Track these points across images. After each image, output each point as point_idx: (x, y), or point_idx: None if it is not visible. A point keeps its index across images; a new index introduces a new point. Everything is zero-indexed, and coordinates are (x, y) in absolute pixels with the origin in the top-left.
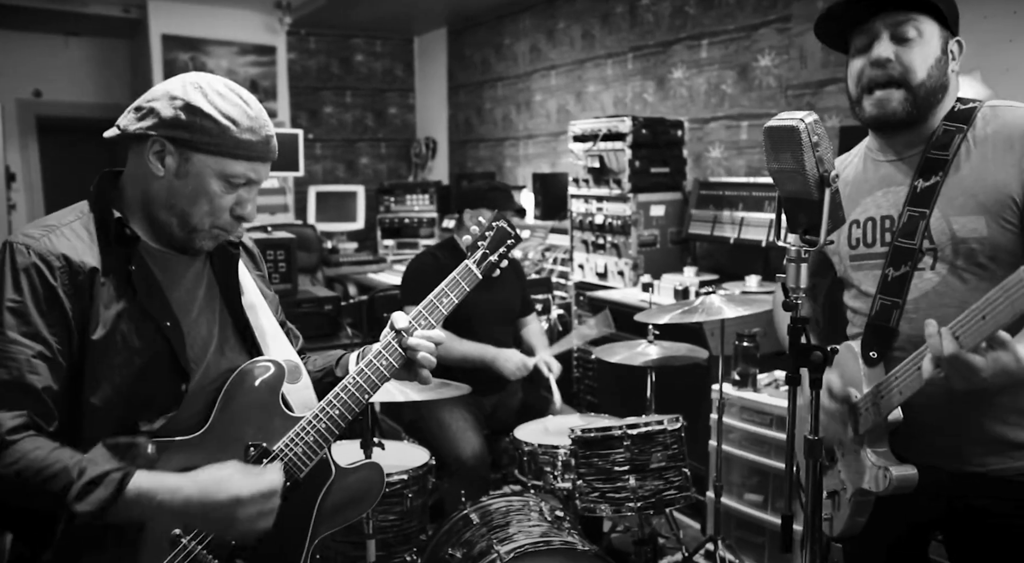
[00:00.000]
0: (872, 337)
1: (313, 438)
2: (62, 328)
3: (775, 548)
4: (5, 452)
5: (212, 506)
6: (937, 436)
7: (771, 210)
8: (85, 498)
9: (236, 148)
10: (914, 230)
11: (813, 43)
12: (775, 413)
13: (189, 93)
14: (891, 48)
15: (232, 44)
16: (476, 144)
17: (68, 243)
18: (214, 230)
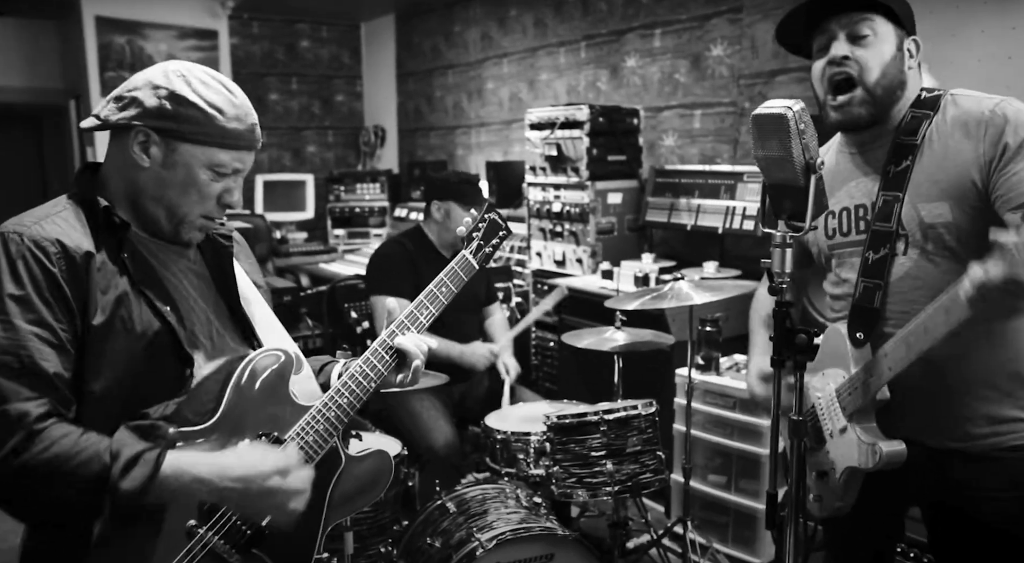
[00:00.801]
0: (857, 319)
1: (324, 427)
2: (66, 313)
3: (739, 528)
4: (36, 440)
5: (251, 481)
6: (921, 414)
7: (727, 197)
8: (127, 475)
9: (223, 137)
10: (890, 213)
11: (764, 34)
12: (738, 396)
13: (173, 82)
14: (847, 47)
15: (171, 28)
16: (427, 132)
17: (59, 229)
18: (201, 220)
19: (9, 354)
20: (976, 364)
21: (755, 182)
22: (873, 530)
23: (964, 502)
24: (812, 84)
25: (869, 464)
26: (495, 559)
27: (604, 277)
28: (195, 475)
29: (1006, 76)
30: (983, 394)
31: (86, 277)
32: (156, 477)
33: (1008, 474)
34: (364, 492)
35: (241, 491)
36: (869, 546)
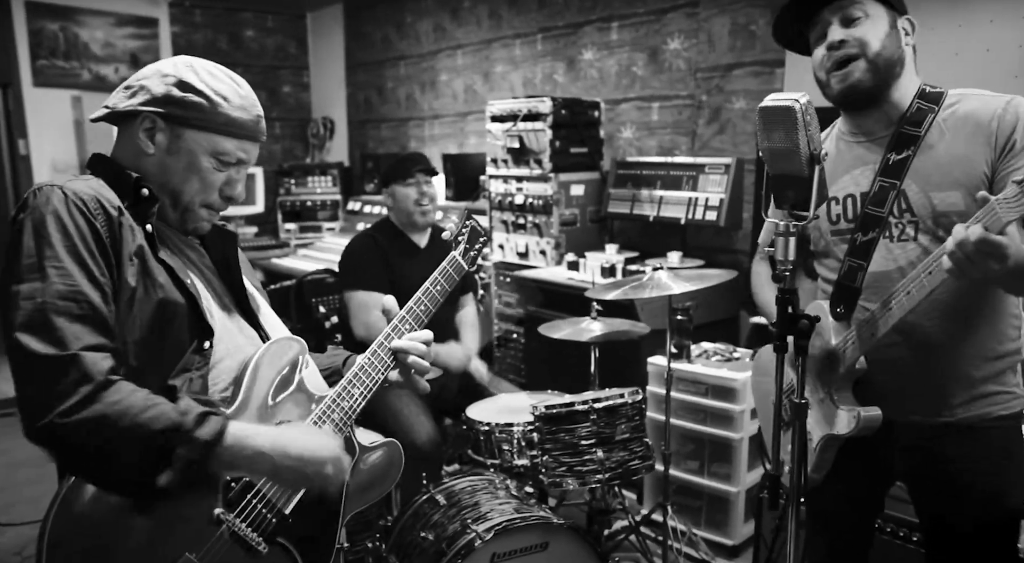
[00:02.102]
0: (839, 294)
1: (339, 417)
2: (108, 268)
3: (712, 511)
4: (109, 390)
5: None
6: (907, 392)
7: (688, 188)
8: (202, 426)
9: (227, 125)
10: (884, 199)
11: (721, 27)
12: (710, 382)
13: (181, 71)
14: (841, 31)
15: (108, 14)
16: (378, 124)
17: (92, 188)
18: (204, 210)
19: (68, 299)
20: (958, 344)
21: (716, 173)
22: (854, 506)
23: (954, 475)
24: (814, 73)
25: (849, 429)
26: (491, 550)
27: (571, 268)
28: (256, 446)
29: (983, 68)
30: (965, 372)
31: (119, 234)
32: (223, 437)
33: (995, 444)
34: (377, 482)
35: (297, 470)
36: (850, 521)
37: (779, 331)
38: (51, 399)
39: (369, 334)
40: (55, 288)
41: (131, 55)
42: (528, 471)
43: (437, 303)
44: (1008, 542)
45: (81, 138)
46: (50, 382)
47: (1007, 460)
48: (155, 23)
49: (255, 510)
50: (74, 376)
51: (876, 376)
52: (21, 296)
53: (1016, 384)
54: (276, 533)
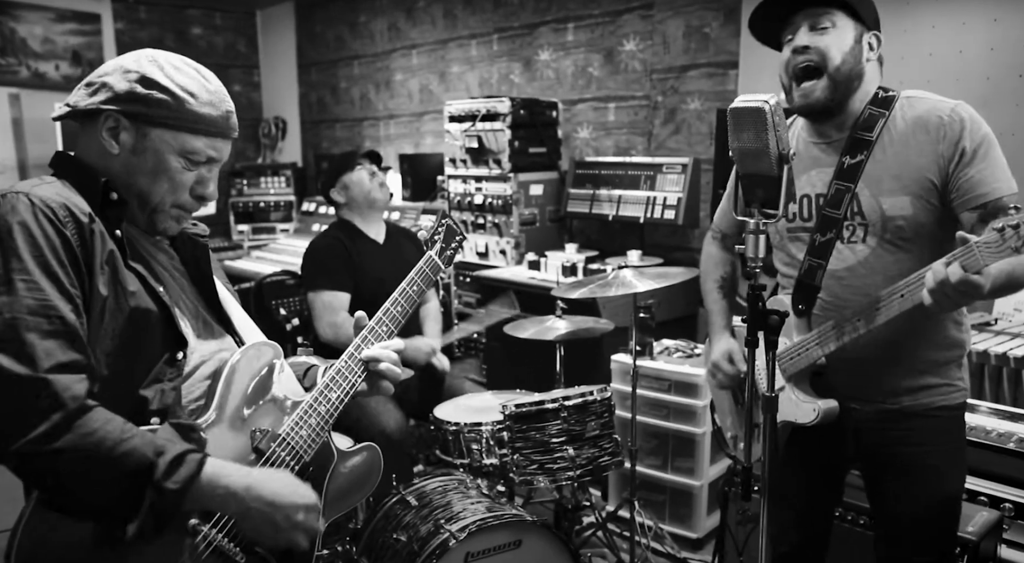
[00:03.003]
0: (800, 292)
1: (316, 422)
2: (78, 278)
3: (675, 505)
4: (82, 420)
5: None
6: (859, 382)
7: (647, 188)
8: (172, 475)
9: (195, 122)
10: (840, 201)
11: (675, 29)
12: (672, 379)
13: (144, 66)
14: (808, 37)
15: (47, 9)
16: (332, 124)
17: (60, 193)
18: (174, 210)
19: (39, 314)
20: (903, 339)
21: (674, 173)
22: (814, 490)
23: (899, 456)
24: (780, 74)
25: (808, 419)
26: (465, 549)
27: (531, 268)
28: (227, 487)
29: (956, 70)
30: (909, 365)
31: (91, 242)
32: (197, 480)
33: (937, 430)
34: (356, 487)
35: (267, 515)
36: (811, 506)
37: (750, 326)
38: (21, 425)
39: (336, 335)
40: (25, 302)
41: (72, 52)
42: (497, 470)
43: (414, 303)
44: (948, 524)
45: (20, 137)
46: (21, 406)
47: (948, 445)
48: (97, 19)
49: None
50: (46, 401)
51: (827, 368)
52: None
53: (960, 378)
54: (255, 542)
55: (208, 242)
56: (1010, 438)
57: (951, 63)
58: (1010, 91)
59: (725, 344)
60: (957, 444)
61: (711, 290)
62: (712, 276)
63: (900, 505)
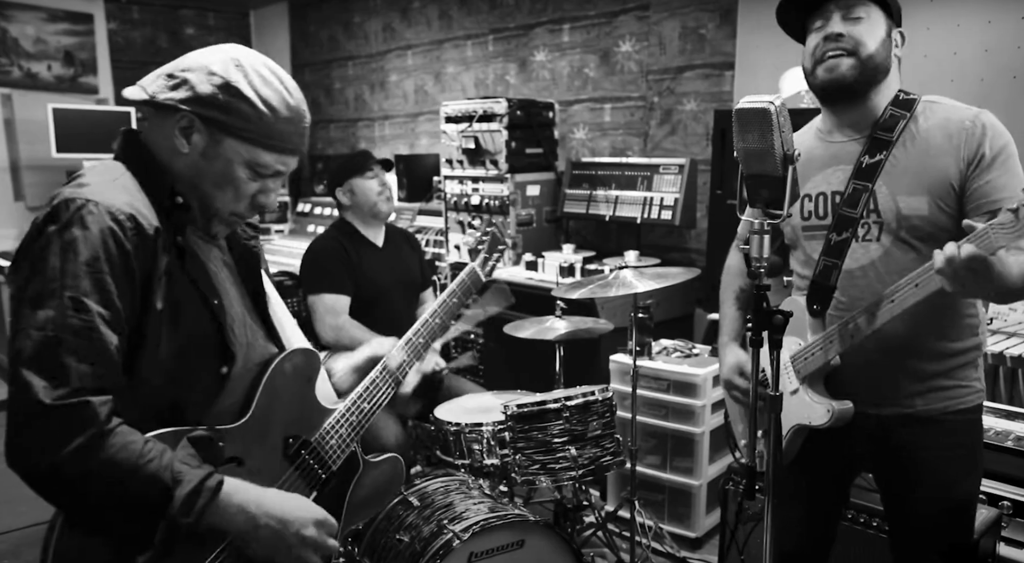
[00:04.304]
0: (815, 293)
1: (346, 431)
2: (129, 296)
3: (674, 505)
4: (103, 444)
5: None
6: (868, 385)
7: (643, 188)
8: (190, 511)
9: (270, 138)
10: (857, 201)
11: (671, 31)
12: (671, 379)
13: (230, 71)
14: (842, 24)
15: (40, 9)
16: (326, 125)
17: (129, 200)
18: (232, 217)
19: (81, 337)
20: (917, 340)
21: (671, 174)
22: (820, 495)
23: (910, 462)
24: (802, 61)
25: (822, 421)
26: (469, 549)
27: (529, 268)
28: (238, 504)
29: (951, 71)
30: (922, 367)
31: (154, 257)
32: (213, 503)
33: (951, 434)
34: (378, 497)
35: (277, 531)
36: (816, 510)
37: (754, 326)
38: (46, 445)
39: (338, 337)
40: (70, 322)
41: (65, 52)
42: (498, 470)
43: (453, 315)
44: (963, 527)
45: (12, 138)
46: (47, 429)
47: (961, 449)
48: (90, 19)
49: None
50: (73, 422)
51: (841, 370)
52: (34, 324)
53: (976, 379)
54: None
55: (258, 238)
56: (1008, 436)
57: (945, 64)
58: (1004, 92)
59: (733, 357)
60: (973, 449)
61: (727, 300)
62: (732, 287)
63: (914, 511)
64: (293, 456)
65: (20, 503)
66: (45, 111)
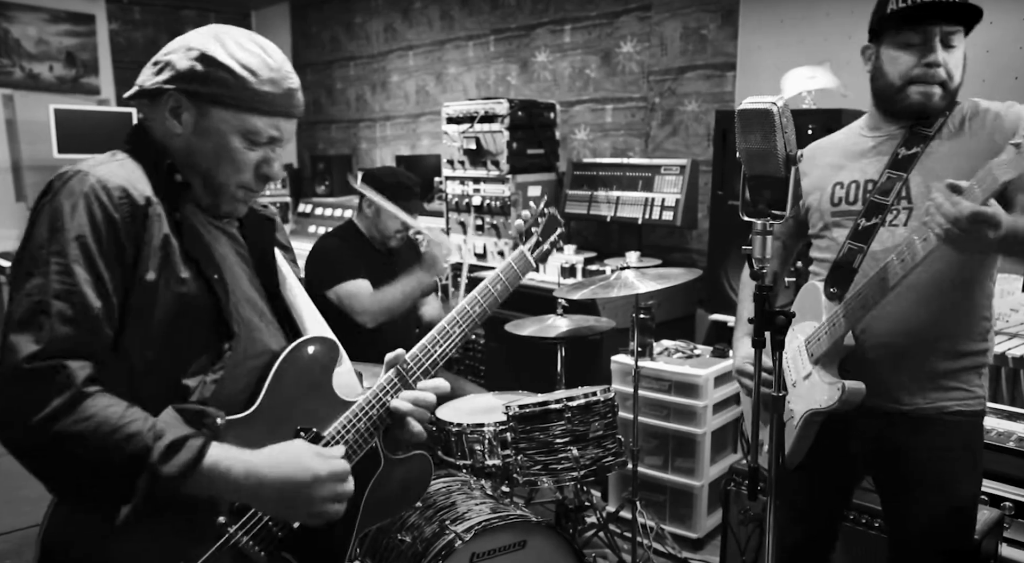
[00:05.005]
0: (835, 275)
1: (365, 426)
2: (118, 266)
3: (675, 506)
4: (81, 406)
5: (287, 484)
6: (878, 376)
7: (644, 189)
8: (169, 460)
9: (255, 101)
10: (890, 189)
11: (672, 31)
12: (673, 379)
13: (206, 43)
14: (942, 54)
15: (42, 10)
16: (328, 125)
17: (123, 174)
18: (240, 191)
19: (63, 300)
20: (926, 334)
21: (672, 174)
22: (822, 499)
23: (907, 465)
24: (882, 66)
25: (833, 401)
26: (471, 550)
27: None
28: (231, 474)
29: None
30: (929, 363)
31: (144, 227)
32: (198, 466)
33: (949, 437)
34: (401, 497)
35: (276, 497)
36: (817, 514)
37: (756, 327)
38: (23, 407)
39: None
40: (54, 287)
41: (66, 53)
42: (500, 471)
43: (496, 304)
44: (962, 533)
45: (14, 138)
46: (28, 387)
47: (961, 453)
48: (91, 20)
49: (260, 523)
50: (50, 385)
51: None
52: (24, 291)
53: (979, 385)
54: (281, 547)
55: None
56: (1009, 437)
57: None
58: (1006, 93)
59: (744, 350)
60: (972, 453)
61: (746, 298)
62: (750, 285)
63: (913, 515)
64: None
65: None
66: (47, 112)
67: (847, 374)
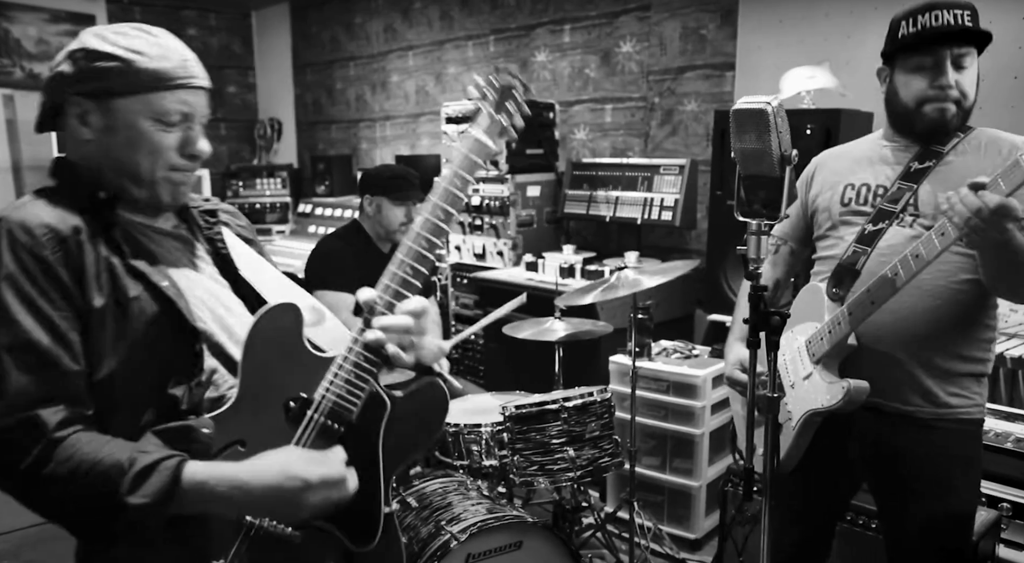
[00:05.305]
0: (839, 276)
1: (353, 373)
2: (63, 300)
3: (674, 506)
4: (56, 451)
5: (276, 493)
6: (879, 376)
7: (644, 189)
8: (137, 490)
9: (151, 80)
10: (899, 198)
11: (672, 31)
12: (671, 379)
13: (85, 40)
14: (954, 75)
15: (42, 10)
16: (328, 125)
17: (43, 210)
18: (171, 173)
19: (14, 352)
20: (933, 337)
21: (671, 174)
22: (818, 502)
23: (905, 471)
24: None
25: (836, 399)
26: (467, 550)
27: (529, 269)
28: (217, 490)
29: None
30: (935, 368)
31: (79, 256)
32: (176, 489)
33: (948, 444)
34: (420, 432)
35: (267, 507)
36: (814, 516)
37: (752, 328)
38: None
39: None
40: (2, 340)
41: None
42: (497, 471)
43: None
44: (960, 535)
45: (14, 138)
46: (5, 444)
47: (959, 460)
48: (91, 20)
49: None
50: (25, 437)
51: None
52: None
53: (978, 393)
54: None
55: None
56: (1007, 438)
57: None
58: (1006, 93)
59: (736, 354)
60: (970, 460)
61: (742, 302)
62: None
63: (911, 520)
64: (298, 420)
65: None
66: None
67: (848, 374)
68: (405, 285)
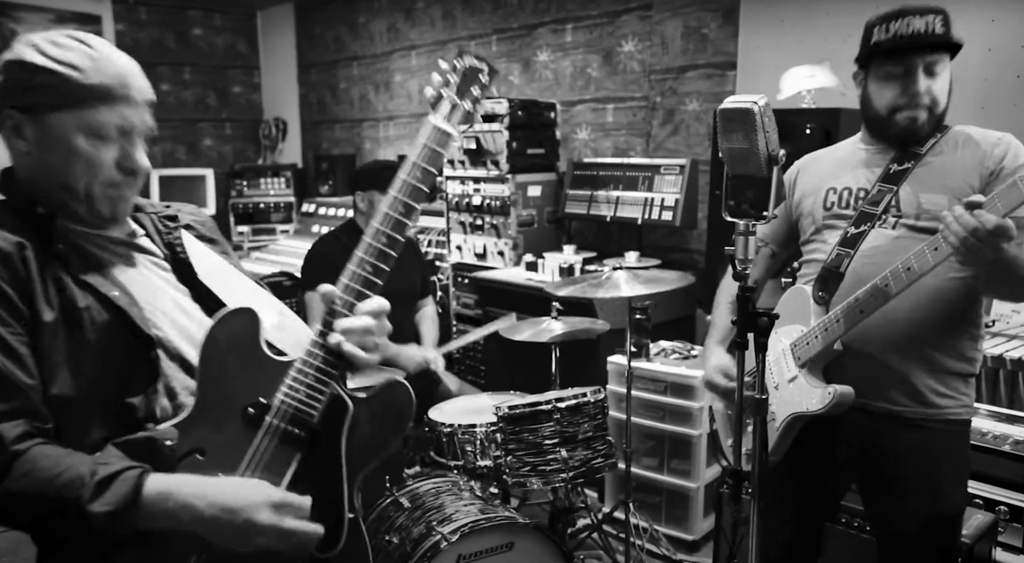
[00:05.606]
0: (824, 279)
1: (313, 377)
2: (12, 316)
3: (671, 507)
4: (15, 465)
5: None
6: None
7: (644, 189)
8: (99, 497)
9: (86, 95)
10: (880, 200)
11: (673, 30)
12: (669, 380)
13: (19, 52)
14: (925, 82)
15: (48, 11)
16: (332, 125)
17: None
18: (109, 189)
19: None
20: (926, 340)
21: (672, 174)
22: (808, 503)
23: (894, 472)
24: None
25: (823, 404)
26: (457, 551)
27: (529, 269)
28: (180, 500)
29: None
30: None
31: (25, 271)
32: (138, 499)
33: (937, 445)
34: (384, 433)
35: (225, 520)
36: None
37: (739, 329)
38: None
39: None
40: None
41: None
42: (491, 472)
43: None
44: (948, 534)
45: None
46: None
47: (948, 462)
48: (98, 20)
49: None
50: None
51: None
52: None
53: (966, 394)
54: None
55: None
56: (1006, 440)
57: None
58: (1007, 92)
59: (716, 359)
60: (958, 461)
61: (721, 303)
62: (728, 292)
63: (898, 518)
64: (256, 426)
65: None
66: None
67: (834, 375)
68: (366, 284)
